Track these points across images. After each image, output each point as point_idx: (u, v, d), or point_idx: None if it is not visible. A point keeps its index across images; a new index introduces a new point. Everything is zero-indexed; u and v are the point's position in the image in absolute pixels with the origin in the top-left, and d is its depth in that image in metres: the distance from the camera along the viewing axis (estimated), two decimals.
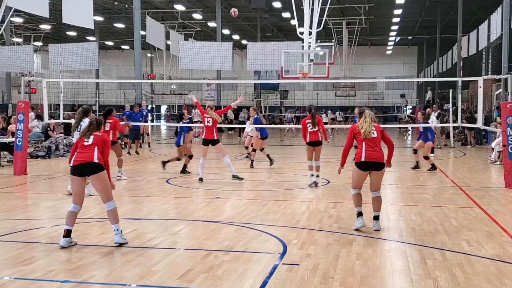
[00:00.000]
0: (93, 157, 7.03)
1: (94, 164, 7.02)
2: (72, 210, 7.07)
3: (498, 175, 14.44)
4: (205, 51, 27.21)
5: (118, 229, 7.00)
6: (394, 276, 5.89)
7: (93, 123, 7.33)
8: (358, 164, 8.00)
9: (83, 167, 7.03)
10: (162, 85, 48.44)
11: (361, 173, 8.04)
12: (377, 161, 7.90)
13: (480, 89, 14.13)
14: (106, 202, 7.08)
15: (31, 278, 5.69)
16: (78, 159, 7.06)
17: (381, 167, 7.96)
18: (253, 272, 5.92)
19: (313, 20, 17.93)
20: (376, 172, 7.98)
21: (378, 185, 8.08)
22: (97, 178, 7.04)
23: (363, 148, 7.94)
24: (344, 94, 47.31)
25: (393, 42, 54.20)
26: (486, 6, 36.29)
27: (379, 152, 7.94)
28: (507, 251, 6.84)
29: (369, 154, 7.90)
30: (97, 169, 7.03)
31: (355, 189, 8.12)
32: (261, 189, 12.11)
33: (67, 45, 29.99)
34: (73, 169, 7.08)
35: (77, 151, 7.14)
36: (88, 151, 7.07)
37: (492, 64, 34.05)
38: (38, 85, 32.28)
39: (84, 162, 7.02)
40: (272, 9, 40.16)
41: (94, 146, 7.11)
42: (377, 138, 8.00)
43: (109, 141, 7.40)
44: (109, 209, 7.06)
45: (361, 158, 7.93)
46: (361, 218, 8.01)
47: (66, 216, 7.06)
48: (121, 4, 37.91)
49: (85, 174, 7.06)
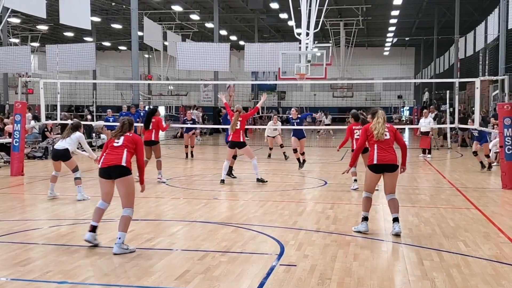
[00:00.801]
0: (121, 160, 6.87)
1: (122, 167, 6.86)
2: (99, 207, 7.10)
3: (495, 176, 14.47)
4: (202, 52, 27.23)
5: (120, 237, 6.69)
6: (391, 277, 5.89)
7: (125, 123, 7.18)
8: (370, 167, 7.92)
9: (111, 170, 6.89)
10: (159, 86, 48.47)
11: (374, 176, 7.95)
12: (390, 163, 7.80)
13: (477, 90, 14.15)
14: (124, 208, 6.87)
15: (28, 279, 5.68)
16: (106, 161, 6.92)
17: (394, 169, 7.86)
18: (251, 273, 5.92)
19: (311, 21, 17.95)
20: (389, 174, 7.87)
21: (393, 187, 7.96)
22: (122, 182, 6.87)
23: (375, 150, 7.84)
24: (342, 95, 47.39)
25: (390, 43, 54.30)
26: (483, 7, 36.36)
27: (392, 154, 7.85)
28: (504, 252, 6.85)
29: (381, 156, 7.80)
30: (124, 173, 6.86)
31: (367, 193, 8.03)
32: (259, 190, 12.11)
33: (64, 46, 30.02)
34: (100, 171, 6.96)
35: (106, 152, 7.00)
36: (117, 153, 6.92)
37: (489, 65, 34.12)
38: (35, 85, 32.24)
39: (111, 165, 6.88)
40: (270, 10, 40.20)
41: (124, 148, 6.95)
42: (390, 139, 7.89)
43: (141, 141, 7.21)
44: (124, 214, 6.83)
45: (374, 161, 7.84)
46: (365, 223, 7.93)
47: (93, 212, 7.11)
48: (118, 4, 37.91)
49: (112, 177, 6.91)
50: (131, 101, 28.78)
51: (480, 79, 14.51)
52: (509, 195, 11.56)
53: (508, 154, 12.30)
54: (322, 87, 49.19)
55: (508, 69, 25.25)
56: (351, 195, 11.40)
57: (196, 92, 54.96)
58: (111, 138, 7.13)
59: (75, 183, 10.46)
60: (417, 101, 52.17)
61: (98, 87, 42.82)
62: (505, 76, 14.96)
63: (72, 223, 8.48)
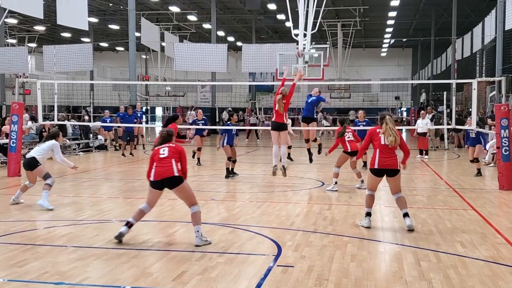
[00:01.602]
0: (173, 171, 7.10)
1: (175, 178, 7.11)
2: (142, 209, 7.31)
3: (492, 177, 14.49)
4: (200, 53, 27.22)
5: (198, 231, 7.08)
6: (389, 278, 5.89)
7: (163, 135, 7.40)
8: (372, 170, 8.17)
9: (165, 182, 7.14)
10: (156, 86, 48.39)
11: (375, 179, 8.24)
12: (390, 168, 8.03)
13: (474, 91, 14.17)
14: (191, 207, 7.23)
15: (25, 280, 5.67)
16: (158, 174, 7.13)
17: (395, 173, 8.10)
18: (248, 274, 5.91)
19: (308, 22, 17.92)
20: (390, 177, 8.14)
21: (397, 188, 8.22)
22: (180, 190, 7.19)
23: (377, 155, 8.06)
24: (339, 96, 47.38)
25: (387, 44, 54.34)
26: (480, 8, 36.41)
27: (393, 159, 8.05)
28: (501, 253, 6.86)
29: (382, 161, 8.03)
30: (178, 182, 7.13)
31: (370, 191, 8.34)
32: (256, 191, 12.11)
33: (61, 47, 29.96)
34: (154, 184, 7.18)
35: (155, 165, 7.18)
36: (166, 165, 7.12)
37: (486, 66, 34.18)
38: (32, 86, 32.18)
39: (165, 178, 7.10)
40: (267, 11, 40.20)
41: (171, 159, 7.16)
42: (394, 146, 8.10)
43: (184, 151, 7.41)
44: (193, 211, 7.20)
45: (375, 165, 8.07)
46: (368, 218, 8.23)
47: (135, 212, 7.34)
48: (115, 5, 37.85)
49: (167, 187, 7.19)
50: (129, 102, 28.76)
51: (477, 80, 14.50)
52: (506, 196, 11.58)
53: (505, 155, 12.32)
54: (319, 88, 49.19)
55: (505, 70, 25.31)
56: (348, 196, 11.40)
57: (194, 93, 54.94)
58: (155, 150, 7.33)
59: (43, 188, 9.75)
60: (414, 102, 52.23)
61: (95, 88, 42.76)
62: (502, 77, 14.98)
63: (69, 224, 8.46)
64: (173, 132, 7.59)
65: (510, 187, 12.23)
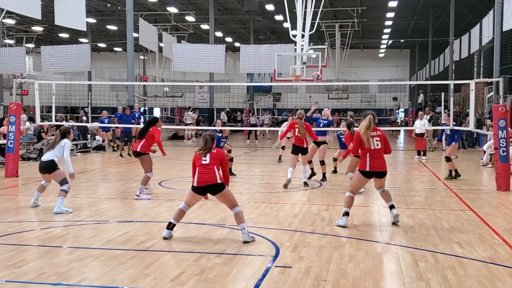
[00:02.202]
0: (216, 179, 7.33)
1: (218, 185, 7.35)
2: (181, 209, 7.55)
3: (489, 177, 14.50)
4: (198, 54, 27.21)
5: (244, 228, 7.29)
6: (387, 278, 5.90)
7: (208, 140, 7.52)
8: (363, 172, 8.42)
9: (208, 189, 7.39)
10: (154, 87, 48.40)
11: (363, 180, 8.53)
12: (380, 170, 8.39)
13: (472, 92, 14.18)
14: (232, 208, 7.43)
15: (23, 280, 5.66)
16: (202, 181, 7.35)
17: (384, 175, 8.48)
18: (246, 275, 5.91)
19: (306, 23, 17.93)
20: (378, 179, 8.52)
21: (381, 185, 8.61)
22: (222, 196, 7.43)
23: (368, 158, 8.33)
24: (337, 96, 47.41)
25: (385, 45, 54.40)
26: (478, 9, 36.46)
27: (382, 161, 8.40)
28: (499, 253, 6.86)
29: (373, 164, 8.31)
30: (221, 189, 7.37)
31: (351, 193, 8.56)
32: (254, 192, 12.11)
33: (59, 47, 29.94)
34: (197, 189, 7.43)
35: (198, 171, 7.38)
36: (209, 172, 7.34)
37: (484, 67, 34.22)
38: (30, 87, 32.18)
39: (209, 185, 7.33)
40: (265, 12, 40.23)
41: (213, 166, 7.36)
42: (381, 149, 8.38)
43: (224, 156, 7.64)
44: (235, 212, 7.39)
45: (366, 168, 8.34)
46: (345, 218, 8.39)
47: (175, 212, 7.56)
48: (113, 6, 37.84)
49: (210, 193, 7.47)
50: (126, 103, 28.70)
51: (475, 81, 14.52)
52: (504, 196, 11.60)
53: (503, 155, 12.33)
54: (317, 89, 49.26)
55: (502, 71, 25.32)
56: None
57: (192, 94, 54.93)
58: (197, 156, 7.52)
59: (59, 194, 9.50)
60: (412, 103, 52.28)
61: (93, 89, 42.71)
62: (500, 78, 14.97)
63: (66, 224, 8.45)
64: (215, 136, 7.79)
65: (507, 188, 12.25)
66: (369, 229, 8.29)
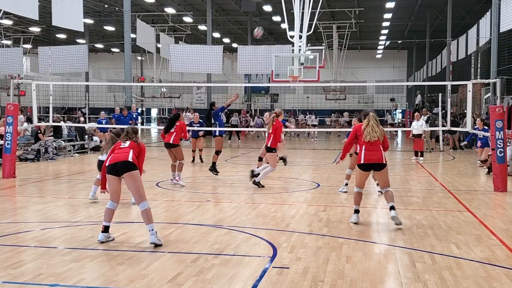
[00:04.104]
0: (127, 156, 7.20)
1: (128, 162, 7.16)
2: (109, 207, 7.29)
3: (487, 178, 14.53)
4: (195, 54, 27.25)
5: (152, 229, 7.07)
6: (384, 279, 5.90)
7: (129, 131, 7.58)
8: (359, 166, 8.53)
9: (118, 166, 7.18)
10: (152, 88, 48.37)
11: (362, 174, 8.59)
12: (376, 162, 8.39)
13: (469, 93, 14.21)
14: (139, 203, 7.18)
15: (20, 282, 5.65)
16: (113, 159, 7.22)
17: (382, 167, 8.45)
18: (243, 276, 5.91)
19: (304, 24, 17.97)
20: (377, 172, 8.54)
21: (385, 182, 8.55)
22: (130, 176, 7.16)
23: (363, 150, 8.42)
24: (334, 97, 47.45)
25: (383, 46, 54.50)
26: (475, 10, 36.57)
27: (378, 153, 8.40)
28: (496, 254, 6.87)
29: (368, 156, 8.39)
30: (130, 168, 7.17)
31: (358, 188, 8.68)
32: (251, 192, 12.10)
33: (56, 48, 29.97)
34: (108, 168, 7.24)
35: (114, 152, 7.35)
36: (123, 152, 7.25)
37: (481, 68, 34.30)
38: (27, 87, 32.13)
39: (118, 161, 7.18)
40: (263, 13, 40.27)
41: (130, 149, 7.29)
42: (377, 141, 8.45)
43: (145, 149, 7.57)
44: (142, 209, 7.15)
45: (361, 161, 8.43)
46: (356, 215, 8.62)
47: (104, 213, 7.31)
48: (111, 7, 37.84)
49: (120, 173, 7.18)
50: (124, 103, 28.71)
51: (472, 82, 14.55)
52: (501, 197, 11.61)
53: (500, 156, 12.35)
54: (315, 90, 49.27)
55: (499, 72, 25.40)
56: (344, 197, 11.41)
57: (189, 95, 54.90)
58: (118, 142, 7.55)
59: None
60: (410, 104, 52.34)
61: (90, 89, 42.68)
62: (497, 79, 15.04)
63: (64, 225, 8.44)
64: (137, 130, 7.85)
65: (505, 189, 12.26)
66: (367, 230, 8.30)
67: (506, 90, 25.72)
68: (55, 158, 19.08)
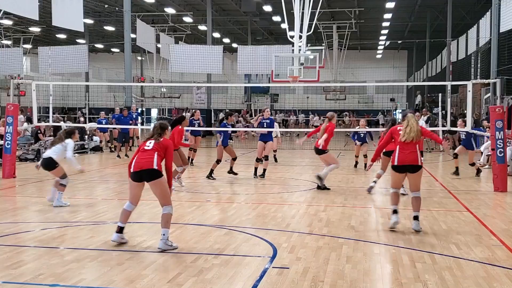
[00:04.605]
0: (152, 164, 6.96)
1: (153, 171, 6.95)
2: (126, 209, 7.19)
3: (487, 178, 14.52)
4: (195, 54, 27.24)
5: (164, 234, 6.88)
6: (384, 279, 5.90)
7: (156, 127, 7.25)
8: (393, 167, 8.28)
9: (143, 174, 6.97)
10: (152, 88, 48.33)
11: (397, 175, 8.32)
12: (410, 164, 8.12)
13: (469, 93, 14.20)
14: (163, 206, 7.00)
15: (20, 282, 5.65)
16: (137, 166, 6.99)
17: (416, 170, 8.17)
18: (243, 276, 5.91)
19: (304, 24, 17.96)
20: (411, 174, 8.22)
21: (416, 185, 8.30)
22: (155, 184, 6.96)
23: (397, 151, 8.19)
24: (334, 97, 47.41)
25: (383, 46, 54.45)
26: (475, 10, 36.54)
27: (414, 154, 8.13)
28: (496, 254, 6.87)
29: (402, 157, 8.13)
30: (155, 176, 6.96)
31: (393, 189, 8.42)
32: (251, 193, 12.10)
33: (56, 48, 29.95)
34: (132, 175, 7.07)
35: (137, 156, 7.13)
36: (147, 157, 7.01)
37: (481, 68, 34.28)
38: (27, 87, 32.12)
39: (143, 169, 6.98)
40: (263, 13, 40.24)
41: (154, 152, 7.02)
42: (413, 142, 8.19)
43: (171, 146, 7.25)
44: (164, 212, 6.97)
45: (395, 162, 8.20)
46: (395, 215, 8.22)
47: (120, 214, 7.20)
48: (111, 7, 37.83)
49: (144, 180, 7.02)
50: (124, 103, 28.69)
51: (472, 82, 14.54)
52: (501, 197, 11.61)
53: (500, 156, 12.35)
54: (315, 90, 49.24)
55: (499, 72, 25.37)
56: (343, 197, 11.41)
57: (189, 95, 54.83)
58: (144, 142, 7.25)
59: (58, 189, 9.97)
60: (410, 104, 52.29)
61: (90, 89, 42.67)
62: (497, 80, 15.02)
63: (63, 225, 8.44)
64: (166, 125, 7.38)
65: (504, 189, 12.27)
66: (367, 230, 8.30)
67: (506, 90, 25.68)
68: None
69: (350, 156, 21.04)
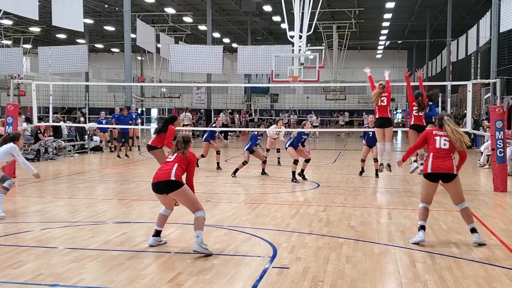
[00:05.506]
0: (170, 175, 6.84)
1: (171, 182, 6.83)
2: (162, 213, 7.21)
3: (487, 178, 14.52)
4: (195, 54, 27.24)
5: (198, 236, 6.74)
6: (384, 279, 5.90)
7: (179, 141, 7.10)
8: (425, 176, 7.45)
9: (161, 186, 6.89)
10: (152, 88, 48.33)
11: (429, 185, 7.47)
12: (445, 172, 7.31)
13: (469, 93, 14.21)
14: (194, 212, 6.96)
15: (20, 282, 5.65)
16: (156, 177, 6.93)
17: (452, 178, 7.36)
18: (243, 276, 5.91)
19: (304, 24, 17.95)
20: (447, 184, 7.43)
21: (458, 195, 7.50)
22: (177, 195, 6.91)
23: (430, 158, 7.37)
24: (334, 97, 47.42)
25: (383, 46, 54.47)
26: (475, 10, 36.55)
27: (449, 162, 7.34)
28: (496, 254, 6.87)
29: (436, 165, 7.31)
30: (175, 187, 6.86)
31: (423, 203, 7.52)
32: (251, 192, 12.10)
33: (56, 48, 29.94)
34: (152, 186, 7.01)
35: (159, 167, 7.13)
36: (167, 168, 6.92)
37: (481, 68, 34.30)
38: (27, 87, 32.12)
39: (161, 181, 6.89)
40: (263, 13, 40.26)
41: (175, 163, 6.91)
42: (448, 148, 7.37)
43: (194, 159, 7.17)
44: (196, 216, 6.93)
45: (428, 170, 7.37)
46: (422, 232, 7.40)
47: (157, 218, 7.21)
48: (111, 7, 37.84)
49: (164, 192, 6.94)
50: (124, 103, 28.69)
51: (472, 82, 14.55)
52: (501, 197, 11.61)
53: (500, 156, 12.36)
54: (315, 90, 49.21)
55: (499, 72, 25.38)
56: (343, 197, 11.41)
57: (189, 95, 54.86)
58: (168, 153, 7.23)
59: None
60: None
61: (90, 89, 42.66)
62: (497, 79, 15.02)
63: (63, 225, 8.44)
64: (189, 139, 7.23)
65: (504, 189, 12.27)
66: (367, 230, 8.29)
67: (506, 90, 25.71)
68: (55, 158, 19.09)
69: (350, 156, 21.06)
